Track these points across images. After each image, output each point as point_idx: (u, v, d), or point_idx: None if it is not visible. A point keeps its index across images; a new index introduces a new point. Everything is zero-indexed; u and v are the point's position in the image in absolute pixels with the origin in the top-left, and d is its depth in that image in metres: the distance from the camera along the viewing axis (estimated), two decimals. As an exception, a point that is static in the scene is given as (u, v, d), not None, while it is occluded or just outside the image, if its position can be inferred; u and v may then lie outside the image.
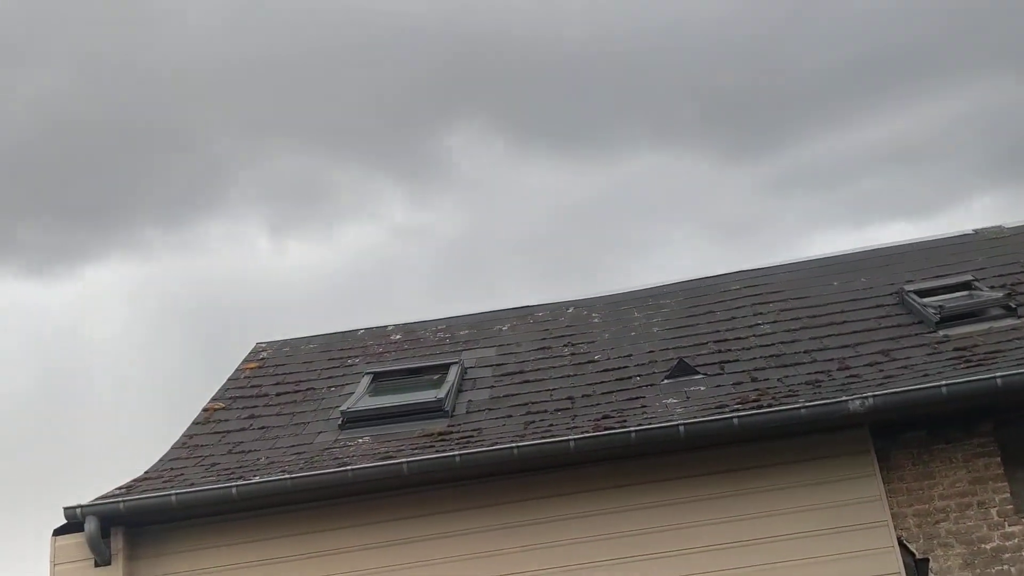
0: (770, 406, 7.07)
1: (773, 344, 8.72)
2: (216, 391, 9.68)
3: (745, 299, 9.94)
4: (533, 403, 8.43)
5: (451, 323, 10.83)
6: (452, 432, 7.98)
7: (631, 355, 9.10)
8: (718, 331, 9.26)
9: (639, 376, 8.61)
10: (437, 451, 7.35)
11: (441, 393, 8.63)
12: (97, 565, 7.06)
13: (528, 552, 7.13)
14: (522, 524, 7.22)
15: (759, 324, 9.25)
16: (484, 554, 7.16)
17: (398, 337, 10.73)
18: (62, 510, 7.04)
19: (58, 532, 7.18)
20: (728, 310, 9.75)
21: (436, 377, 9.26)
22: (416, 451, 7.43)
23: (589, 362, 9.15)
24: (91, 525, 6.92)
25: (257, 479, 7.15)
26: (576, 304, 10.75)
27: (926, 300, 8.77)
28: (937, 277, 9.46)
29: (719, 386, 7.97)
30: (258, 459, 7.95)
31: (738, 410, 7.10)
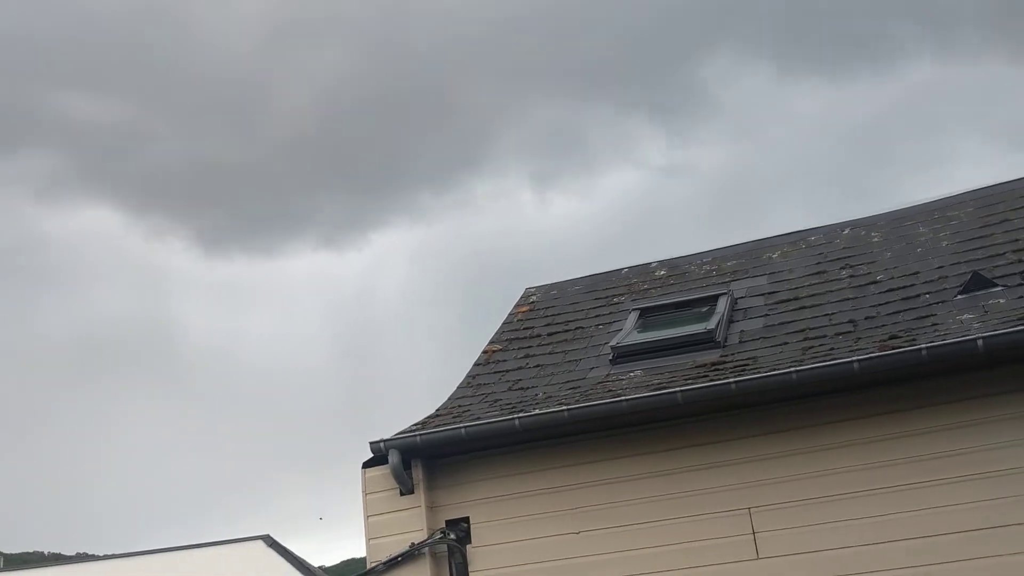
0: (1088, 314, 6.29)
1: (1088, 249, 7.73)
2: (493, 335, 10.15)
3: (1049, 203, 8.87)
4: (811, 329, 8.07)
5: (717, 255, 10.58)
6: (725, 362, 7.84)
7: (918, 272, 8.44)
8: (1017, 240, 8.35)
9: (928, 294, 7.98)
10: (711, 380, 7.25)
11: (711, 324, 8.49)
12: (402, 494, 7.67)
13: (808, 479, 6.88)
14: (800, 451, 6.97)
15: (1069, 228, 8.23)
16: (761, 482, 7.00)
17: (663, 273, 10.66)
18: (368, 444, 7.71)
19: (367, 465, 7.88)
20: (1029, 216, 8.75)
21: (705, 309, 9.12)
22: (689, 381, 7.37)
23: (871, 283, 8.60)
24: (394, 457, 7.52)
25: (537, 411, 7.43)
26: (853, 224, 10.11)
27: None
28: None
29: (1022, 297, 7.20)
30: (536, 394, 8.25)
31: (1048, 320, 6.39)
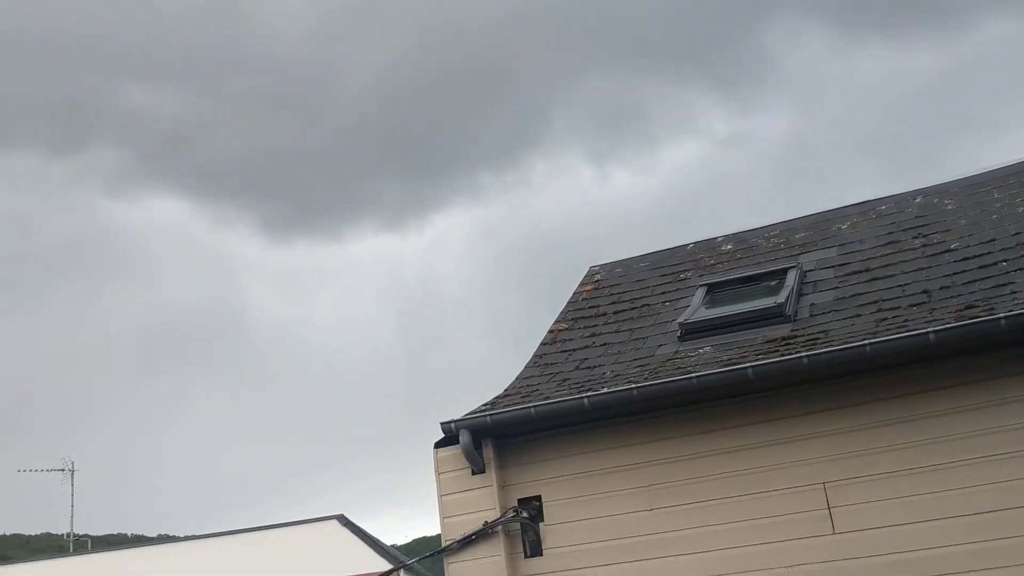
0: None
1: None
2: (558, 314, 10.16)
3: None
4: (884, 300, 7.93)
5: (785, 227, 10.43)
6: (796, 336, 7.74)
7: (994, 240, 8.21)
8: (1101, 203, 8.06)
9: (1005, 261, 7.76)
10: (782, 355, 7.17)
11: (780, 298, 8.39)
12: (473, 473, 7.76)
13: (883, 453, 6.79)
14: (875, 425, 6.87)
15: None
16: (835, 457, 6.93)
17: (729, 247, 10.55)
18: (439, 425, 7.81)
19: (438, 445, 7.98)
20: (1113, 178, 8.44)
21: (773, 283, 9.01)
22: (760, 356, 7.30)
23: (945, 252, 8.40)
24: (465, 437, 7.61)
25: (606, 390, 7.44)
26: (925, 192, 9.87)
27: None
28: None
29: (1108, 263, 6.96)
30: (604, 373, 8.26)
31: None
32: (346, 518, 20.48)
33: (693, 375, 7.17)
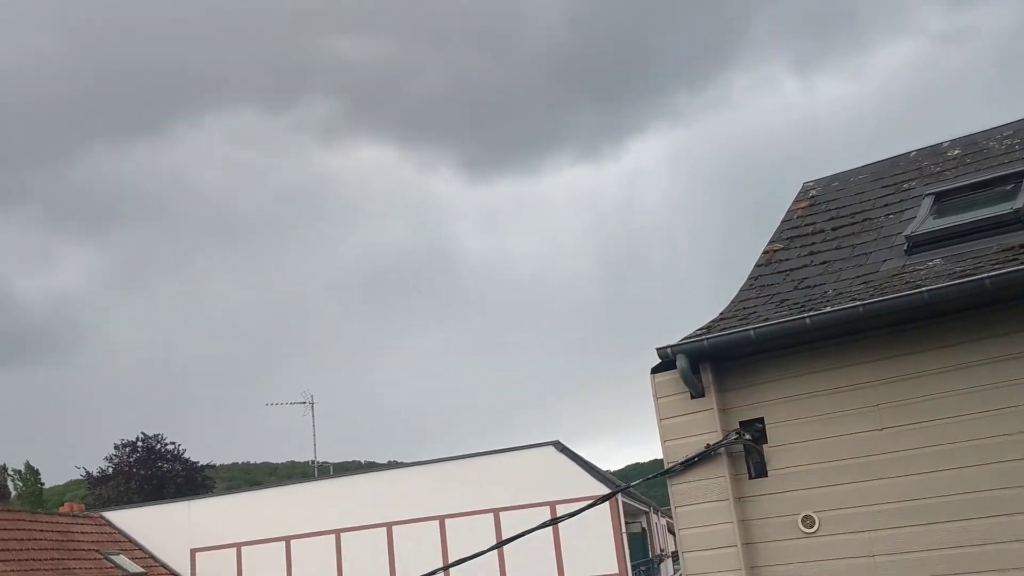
0: None
1: None
2: (772, 234, 9.93)
3: None
4: None
5: (1019, 127, 9.64)
6: (1038, 243, 7.20)
7: None
8: None
9: None
10: (1022, 263, 6.71)
11: (1018, 203, 7.84)
12: (692, 397, 7.82)
13: None
14: None
15: None
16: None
17: (957, 152, 9.88)
18: (655, 351, 7.90)
19: (655, 370, 8.09)
20: None
21: (1009, 188, 8.40)
22: (997, 266, 6.87)
23: None
24: (682, 362, 7.66)
25: (829, 308, 7.24)
26: None
27: None
28: None
29: None
30: (825, 291, 8.03)
31: None
32: (562, 444, 21.16)
33: (924, 289, 6.85)
